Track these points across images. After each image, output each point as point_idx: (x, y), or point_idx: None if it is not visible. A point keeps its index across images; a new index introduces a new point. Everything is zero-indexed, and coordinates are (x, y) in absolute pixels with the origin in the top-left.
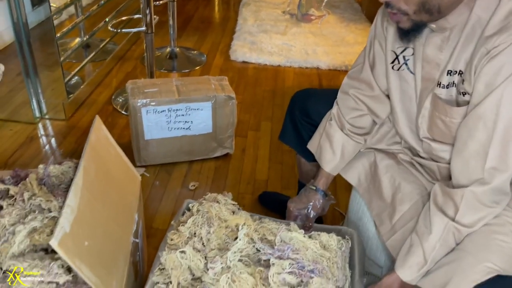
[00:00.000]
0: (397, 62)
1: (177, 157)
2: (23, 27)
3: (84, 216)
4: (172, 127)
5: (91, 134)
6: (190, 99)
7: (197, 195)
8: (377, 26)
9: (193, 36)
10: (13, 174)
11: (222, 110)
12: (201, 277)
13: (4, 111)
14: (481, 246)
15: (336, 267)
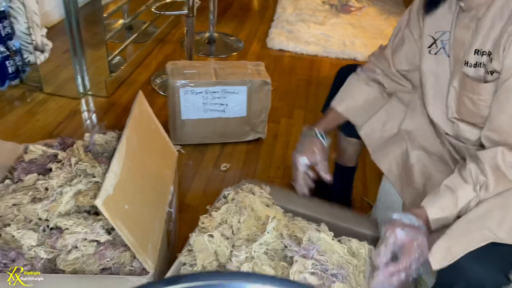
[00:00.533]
0: (434, 46)
1: (211, 138)
2: (73, 6)
3: (126, 182)
4: (208, 109)
5: (134, 107)
6: (226, 82)
7: (228, 176)
8: (412, 15)
9: (232, 22)
10: (60, 141)
11: (257, 94)
12: (226, 264)
13: (50, 85)
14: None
15: (363, 276)
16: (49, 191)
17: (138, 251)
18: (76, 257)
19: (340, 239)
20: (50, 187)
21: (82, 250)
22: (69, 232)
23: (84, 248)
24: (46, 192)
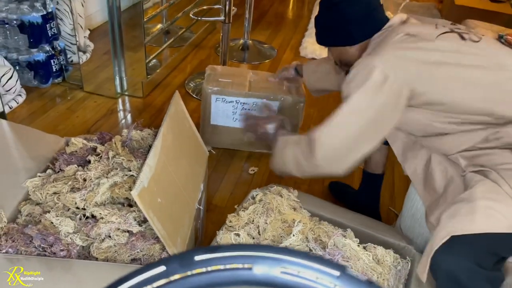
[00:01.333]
0: None
1: (238, 146)
2: (116, 10)
3: (160, 176)
4: (236, 118)
5: (171, 106)
6: (258, 95)
7: (256, 180)
8: None
9: (266, 30)
10: (99, 136)
11: (288, 111)
12: None
13: (90, 84)
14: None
15: (387, 284)
16: (87, 182)
17: (168, 243)
18: (109, 246)
19: (366, 246)
20: (88, 178)
21: (115, 239)
22: (103, 221)
23: (117, 238)
24: (84, 183)
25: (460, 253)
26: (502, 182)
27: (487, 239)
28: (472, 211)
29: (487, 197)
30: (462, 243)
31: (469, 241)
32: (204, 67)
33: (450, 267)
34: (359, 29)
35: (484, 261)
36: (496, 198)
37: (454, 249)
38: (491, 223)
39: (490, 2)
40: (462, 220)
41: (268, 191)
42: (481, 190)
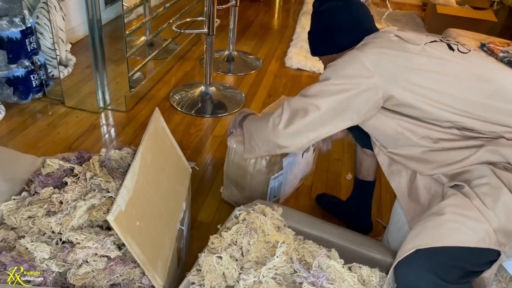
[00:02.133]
0: None
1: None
2: (96, 23)
3: (138, 198)
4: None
5: (150, 123)
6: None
7: None
8: None
9: (251, 41)
10: (78, 155)
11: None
12: (234, 287)
13: (72, 99)
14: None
15: None
16: (63, 204)
17: (147, 268)
18: (86, 272)
19: (351, 266)
20: (64, 201)
21: (92, 265)
22: (80, 246)
23: (94, 263)
24: (61, 206)
25: (422, 266)
26: (473, 197)
27: (453, 252)
28: (439, 224)
29: (456, 212)
30: (425, 256)
31: (432, 254)
32: (189, 79)
33: (412, 280)
34: (344, 37)
35: (447, 274)
36: (465, 213)
37: (416, 262)
38: (457, 237)
39: (473, 10)
40: (428, 234)
41: (252, 209)
42: (451, 203)
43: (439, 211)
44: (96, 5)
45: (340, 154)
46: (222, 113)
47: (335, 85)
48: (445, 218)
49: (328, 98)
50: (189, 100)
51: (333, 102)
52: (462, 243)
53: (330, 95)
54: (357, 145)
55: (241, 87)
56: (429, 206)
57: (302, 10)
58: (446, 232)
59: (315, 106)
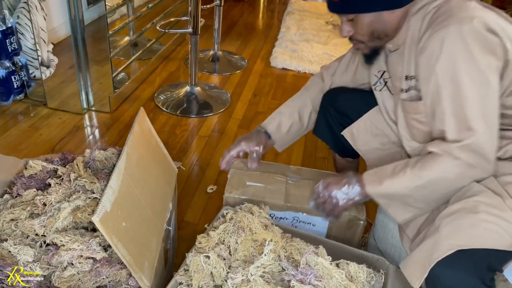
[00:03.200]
0: (379, 84)
1: None
2: (79, 23)
3: (124, 199)
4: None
5: (135, 124)
6: (299, 209)
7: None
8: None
9: (236, 41)
10: (61, 156)
11: (342, 230)
12: (222, 286)
13: (54, 100)
14: (453, 229)
15: None
16: (47, 206)
17: (134, 269)
18: (72, 274)
19: (338, 263)
20: (48, 203)
21: (77, 267)
22: (65, 248)
23: (79, 265)
24: (44, 208)
25: (468, 270)
26: (505, 196)
27: (490, 255)
28: (475, 224)
29: (491, 212)
30: (468, 258)
31: (475, 256)
32: (173, 79)
33: (453, 282)
34: None
35: (486, 277)
36: (500, 214)
37: (459, 264)
38: (495, 239)
39: None
40: (466, 234)
41: (239, 208)
42: (484, 202)
43: (472, 208)
44: (78, 5)
45: (326, 153)
46: (208, 113)
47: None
48: (481, 217)
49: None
50: (174, 100)
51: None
52: (499, 246)
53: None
54: (335, 155)
55: (227, 87)
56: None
57: (287, 10)
58: (484, 234)
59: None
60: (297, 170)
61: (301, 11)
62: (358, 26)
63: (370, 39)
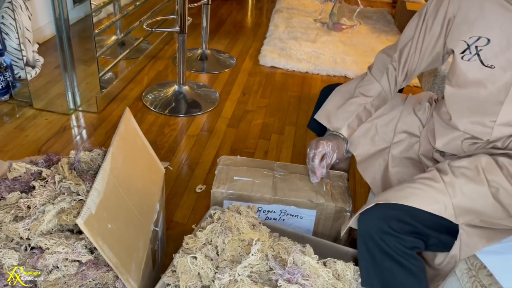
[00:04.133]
0: (468, 53)
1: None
2: (64, 23)
3: (109, 200)
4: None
5: (121, 124)
6: (287, 201)
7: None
8: (436, 23)
9: (225, 39)
10: (46, 158)
11: (329, 222)
12: (209, 286)
13: (41, 101)
14: (384, 192)
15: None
16: (31, 209)
17: (120, 271)
18: (57, 278)
19: (325, 261)
20: (32, 205)
21: (63, 271)
22: (50, 252)
23: (65, 269)
24: (29, 211)
25: (376, 215)
26: (447, 173)
27: (406, 210)
28: (402, 188)
29: (424, 182)
30: (381, 209)
31: (388, 208)
32: (161, 78)
33: (366, 227)
34: None
35: (397, 226)
36: (431, 184)
37: (372, 212)
38: (414, 199)
39: None
40: (390, 193)
41: (227, 208)
42: (423, 176)
43: (411, 181)
44: (63, 4)
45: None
46: (197, 112)
47: None
48: (411, 185)
49: None
50: (162, 99)
51: None
52: (416, 205)
53: None
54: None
55: (215, 85)
56: None
57: (275, 8)
58: (405, 195)
59: None
60: (283, 165)
61: (290, 9)
62: None
63: None
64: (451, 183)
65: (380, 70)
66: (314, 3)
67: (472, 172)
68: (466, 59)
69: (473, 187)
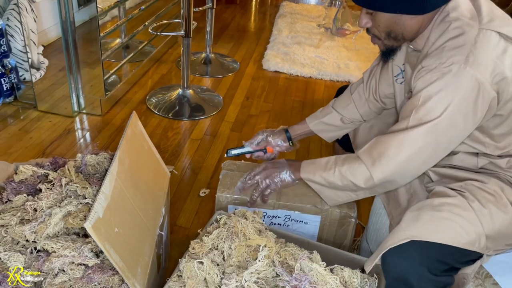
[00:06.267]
0: (400, 77)
1: None
2: (70, 25)
3: (116, 204)
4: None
5: (128, 128)
6: (291, 207)
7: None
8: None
9: (228, 43)
10: (52, 161)
11: (334, 228)
12: None
13: (45, 103)
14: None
15: None
16: (38, 212)
17: (126, 275)
18: (63, 281)
19: (332, 268)
20: (39, 208)
21: (69, 274)
22: (56, 255)
23: (71, 272)
24: (35, 214)
25: (415, 258)
26: (471, 198)
27: (444, 249)
28: (435, 220)
29: (453, 212)
30: (419, 249)
31: (426, 248)
32: (165, 81)
33: (402, 270)
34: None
35: (435, 268)
36: (462, 213)
37: (410, 253)
38: (451, 236)
39: None
40: (424, 227)
41: (233, 213)
42: (449, 202)
43: (436, 207)
44: (69, 6)
45: (319, 156)
46: (200, 116)
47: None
48: (442, 215)
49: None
50: (166, 103)
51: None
52: (454, 243)
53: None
54: (339, 150)
55: (219, 89)
56: (408, 206)
57: (279, 13)
58: (441, 229)
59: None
60: None
61: (293, 14)
62: (376, 22)
63: (386, 37)
64: (480, 212)
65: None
66: (317, 8)
67: (496, 197)
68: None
69: (501, 215)
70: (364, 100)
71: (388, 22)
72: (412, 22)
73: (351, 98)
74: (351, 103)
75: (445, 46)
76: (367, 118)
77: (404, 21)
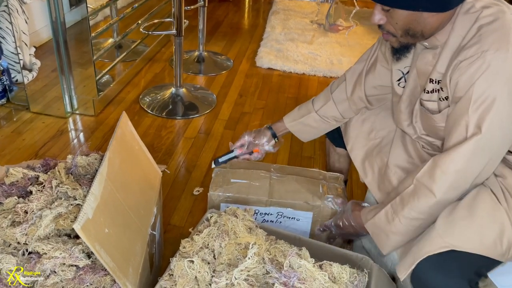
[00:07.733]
0: (402, 80)
1: None
2: (60, 26)
3: (106, 205)
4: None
5: (118, 128)
6: (283, 204)
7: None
8: (378, 52)
9: (221, 41)
10: (43, 162)
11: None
12: None
13: (37, 104)
14: (449, 227)
15: None
16: (28, 214)
17: (117, 275)
18: (55, 282)
19: (321, 264)
20: (29, 210)
21: (60, 275)
22: (47, 256)
23: (62, 273)
24: (26, 216)
25: (458, 272)
26: (502, 198)
27: (480, 259)
28: (473, 226)
29: (490, 215)
30: (460, 260)
31: (467, 260)
32: (158, 81)
33: (440, 282)
34: None
35: (473, 281)
36: (496, 218)
37: (451, 266)
38: (488, 246)
39: None
40: (463, 234)
41: (224, 211)
42: (484, 204)
43: (472, 206)
44: (59, 7)
45: (312, 152)
46: (194, 114)
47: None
48: (479, 222)
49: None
50: (159, 102)
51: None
52: (491, 254)
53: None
54: (331, 146)
55: (212, 87)
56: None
57: (272, 10)
58: (479, 238)
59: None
60: (280, 168)
61: (286, 11)
62: (393, 19)
63: (403, 35)
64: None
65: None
66: (310, 4)
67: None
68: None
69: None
70: (344, 99)
71: (407, 19)
72: (433, 20)
73: (331, 96)
74: (330, 101)
75: (481, 33)
76: (347, 116)
77: (424, 19)
